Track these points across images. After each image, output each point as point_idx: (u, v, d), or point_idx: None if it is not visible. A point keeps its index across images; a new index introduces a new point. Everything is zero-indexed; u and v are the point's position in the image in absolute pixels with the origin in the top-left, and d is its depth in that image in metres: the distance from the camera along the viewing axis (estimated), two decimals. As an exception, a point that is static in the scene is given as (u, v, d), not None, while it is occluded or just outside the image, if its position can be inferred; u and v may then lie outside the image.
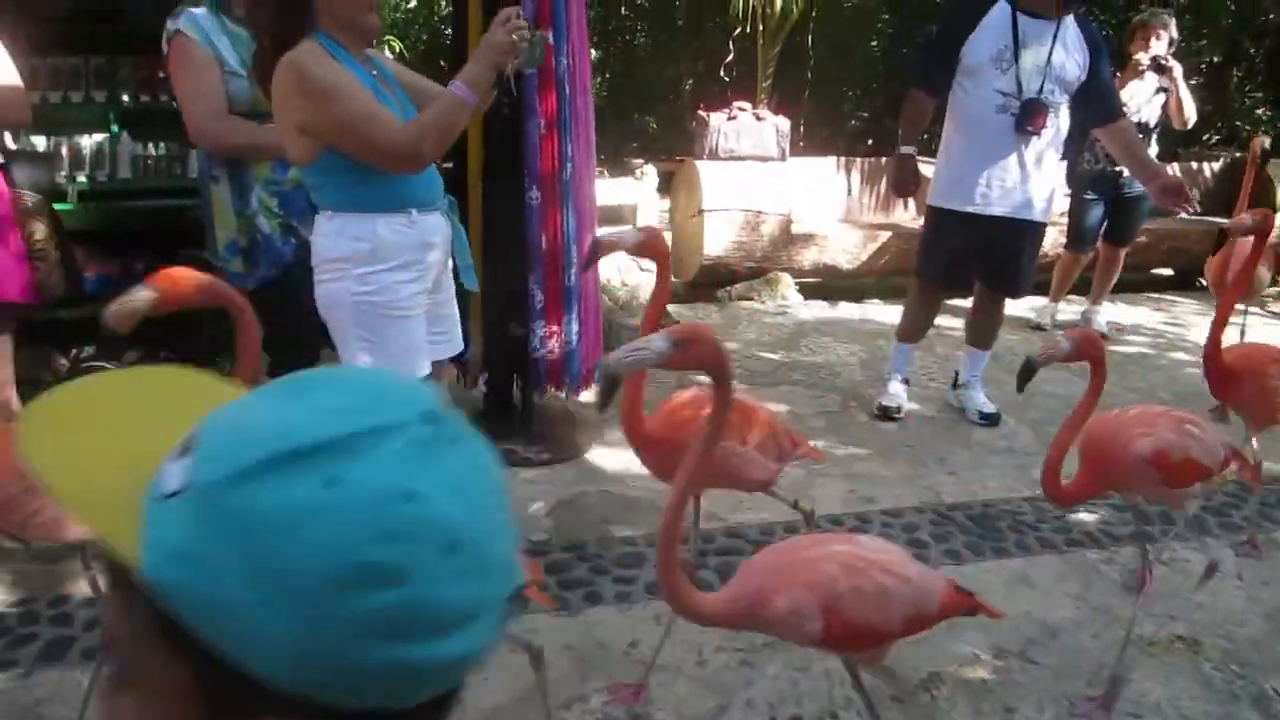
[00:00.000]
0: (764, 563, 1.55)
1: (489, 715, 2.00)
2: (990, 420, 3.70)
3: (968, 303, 3.98)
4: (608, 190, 4.66)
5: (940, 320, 4.05)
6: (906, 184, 3.64)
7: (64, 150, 3.15)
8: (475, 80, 2.01)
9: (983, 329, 3.80)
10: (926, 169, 3.71)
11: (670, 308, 5.43)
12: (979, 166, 3.41)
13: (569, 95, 3.12)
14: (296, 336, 2.69)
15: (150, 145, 3.24)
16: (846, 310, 5.72)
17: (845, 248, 6.05)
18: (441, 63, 11.15)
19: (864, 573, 1.49)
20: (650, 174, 6.78)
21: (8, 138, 2.57)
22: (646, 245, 1.97)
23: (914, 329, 3.83)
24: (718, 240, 5.80)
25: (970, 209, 3.44)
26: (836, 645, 1.54)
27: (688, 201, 6.03)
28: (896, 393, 3.79)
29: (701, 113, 6.20)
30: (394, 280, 2.09)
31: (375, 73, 2.12)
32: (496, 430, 3.37)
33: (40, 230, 2.46)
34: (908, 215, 6.41)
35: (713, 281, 5.92)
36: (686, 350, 1.34)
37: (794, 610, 1.45)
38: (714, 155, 5.98)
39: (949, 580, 1.65)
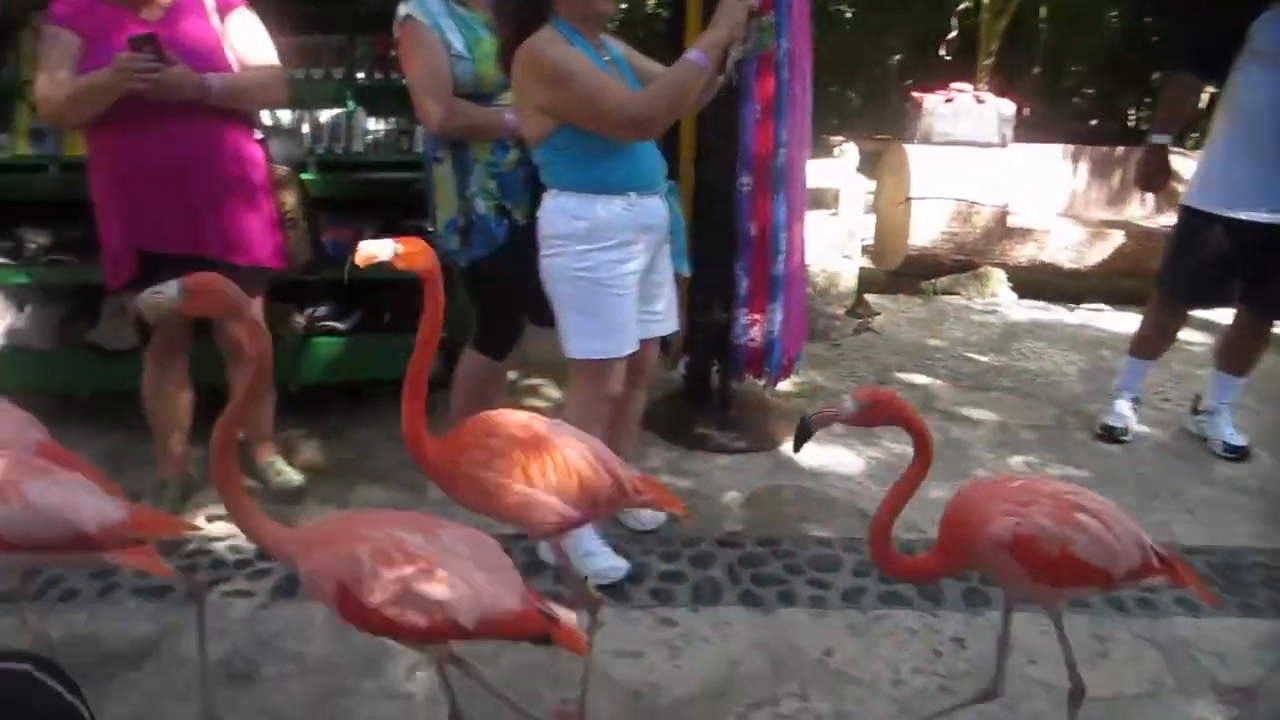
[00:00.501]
0: (341, 524, 1.61)
1: (679, 704, 2.07)
2: (1238, 454, 3.36)
3: (1214, 314, 3.64)
4: (809, 170, 4.61)
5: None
6: (1155, 177, 3.37)
7: (305, 124, 3.48)
8: (710, 45, 2.10)
9: (1240, 353, 3.42)
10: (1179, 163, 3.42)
11: (870, 297, 5.33)
12: (1252, 166, 3.05)
13: (786, 80, 3.11)
14: (504, 313, 2.87)
15: (380, 120, 3.52)
16: (1066, 313, 5.39)
17: (1067, 244, 5.69)
18: (639, 33, 11.37)
19: (396, 564, 1.48)
20: (851, 152, 6.62)
21: (265, 114, 2.85)
22: (404, 258, 1.84)
23: (1151, 344, 3.54)
24: (925, 230, 5.62)
25: (1235, 214, 3.09)
26: (354, 623, 1.54)
27: (895, 187, 5.87)
28: (1124, 412, 3.53)
29: (915, 94, 6.00)
30: (609, 259, 2.23)
31: (607, 57, 2.26)
32: (693, 414, 3.45)
33: (290, 200, 2.73)
34: (1142, 212, 5.97)
35: (917, 273, 5.74)
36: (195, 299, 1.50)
37: (313, 573, 1.52)
38: (926, 139, 5.77)
39: (532, 606, 1.57)
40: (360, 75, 3.48)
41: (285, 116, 3.49)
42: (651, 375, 2.64)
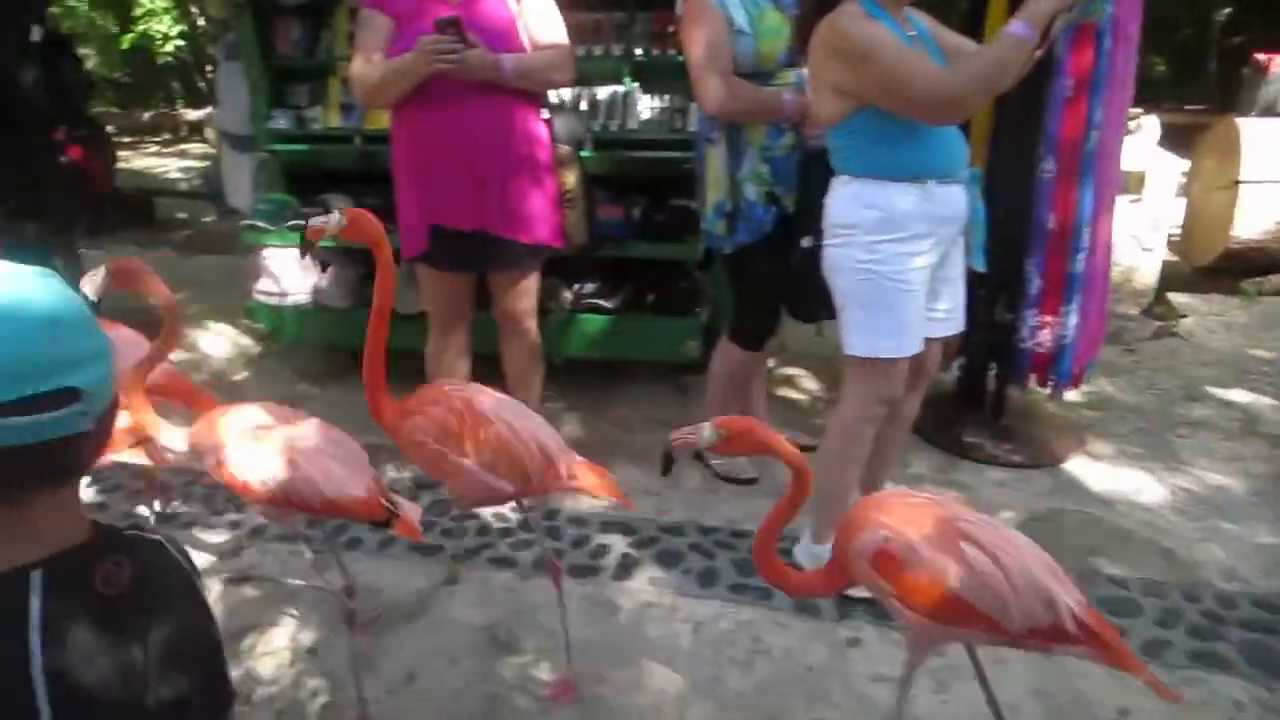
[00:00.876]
0: (220, 415, 1.93)
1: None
2: None
3: None
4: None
5: None
6: None
7: (584, 101, 3.56)
8: (1036, 15, 1.88)
9: None
10: None
11: (1175, 297, 4.74)
12: None
13: (1108, 50, 2.76)
14: (763, 305, 2.79)
15: (655, 98, 3.52)
16: None
17: None
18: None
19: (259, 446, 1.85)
20: (1150, 126, 5.85)
21: (550, 92, 2.92)
22: (348, 230, 1.93)
23: None
24: (1255, 220, 4.90)
25: None
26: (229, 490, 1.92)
27: (1218, 169, 5.16)
28: None
29: (1260, 56, 5.20)
30: (900, 251, 2.09)
31: (912, 33, 2.10)
32: (963, 419, 3.22)
33: (571, 179, 2.79)
34: None
35: (1240, 269, 5.03)
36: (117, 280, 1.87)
37: (196, 448, 1.92)
38: (1269, 110, 5.00)
39: (376, 496, 1.84)
40: (639, 52, 3.49)
41: (567, 94, 3.58)
42: (931, 377, 2.47)
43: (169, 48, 12.47)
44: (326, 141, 3.76)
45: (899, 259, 2.09)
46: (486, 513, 2.77)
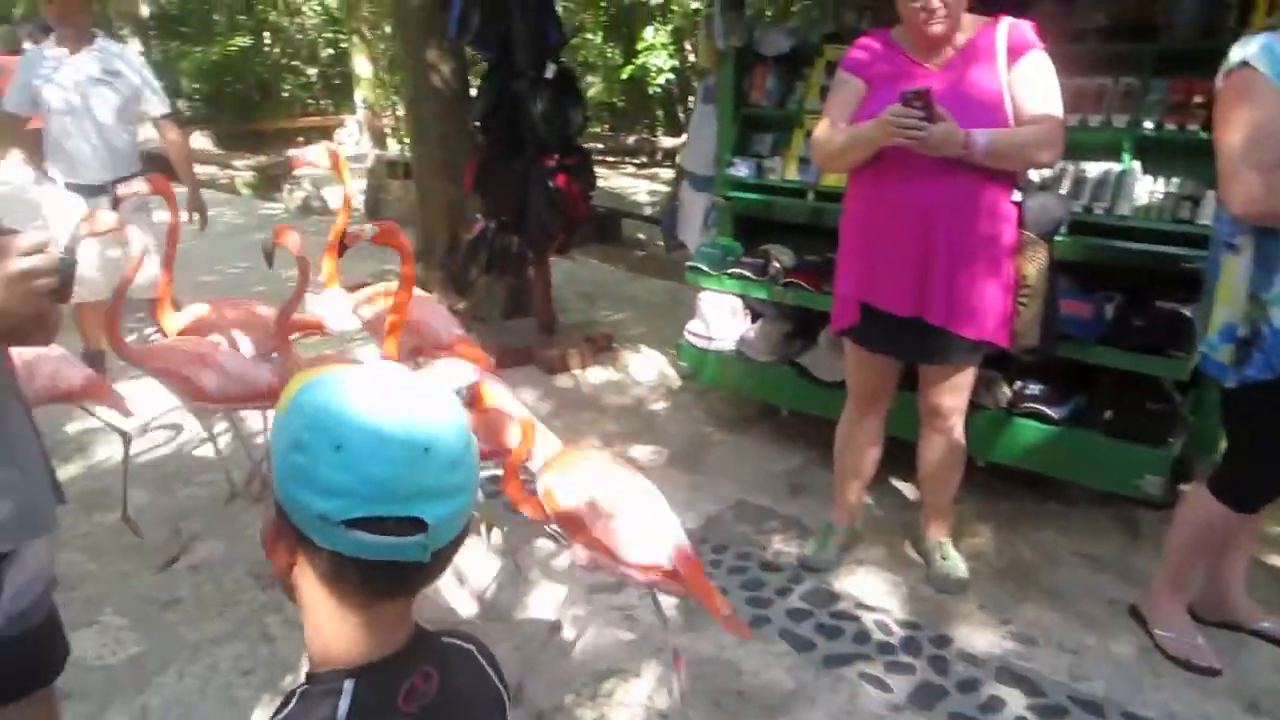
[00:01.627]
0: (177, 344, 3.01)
1: None
2: None
3: None
4: None
5: None
6: None
7: (1068, 178, 3.17)
8: None
9: None
10: None
11: None
12: None
13: None
14: (1269, 458, 2.26)
15: (1159, 180, 3.04)
16: None
17: None
18: None
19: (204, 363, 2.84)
20: None
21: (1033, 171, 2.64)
22: (379, 237, 2.43)
23: None
24: None
25: None
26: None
27: None
28: None
29: None
30: None
31: None
32: None
33: (1032, 271, 2.50)
34: None
35: None
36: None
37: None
38: None
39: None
40: (1147, 125, 3.05)
41: (1049, 170, 3.24)
42: None
43: (660, 80, 13.80)
44: (781, 193, 3.83)
45: None
46: (869, 620, 2.59)
